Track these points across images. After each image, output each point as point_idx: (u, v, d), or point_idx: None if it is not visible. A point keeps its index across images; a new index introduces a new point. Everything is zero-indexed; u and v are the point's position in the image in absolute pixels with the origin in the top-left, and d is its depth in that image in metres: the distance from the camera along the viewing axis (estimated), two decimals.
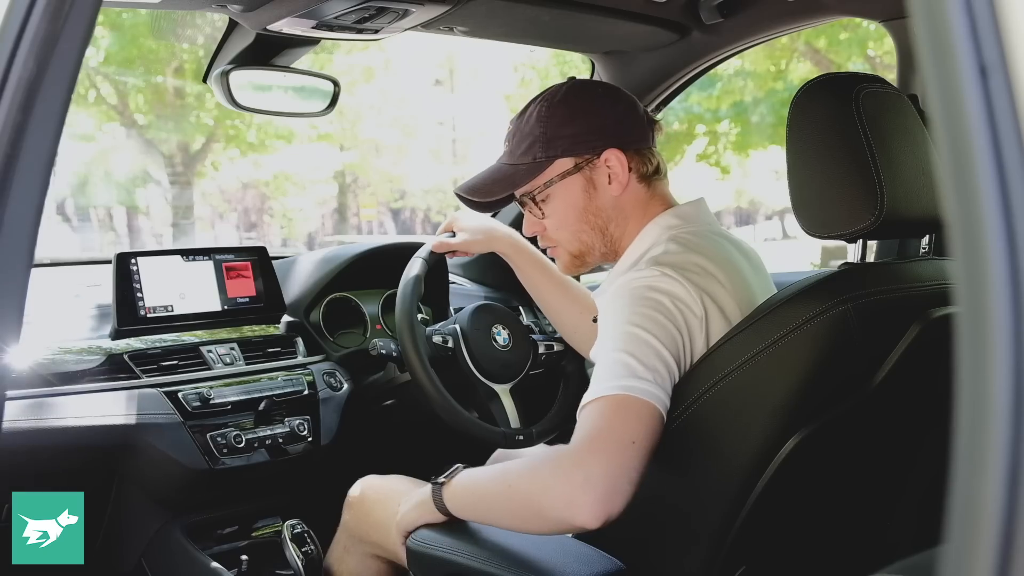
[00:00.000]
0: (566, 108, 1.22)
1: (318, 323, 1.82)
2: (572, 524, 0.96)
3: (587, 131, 1.21)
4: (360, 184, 15.12)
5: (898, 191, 0.99)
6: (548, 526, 1.01)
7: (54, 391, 1.44)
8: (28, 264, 0.74)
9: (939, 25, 0.44)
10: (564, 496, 0.95)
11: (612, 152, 1.20)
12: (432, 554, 1.12)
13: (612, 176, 1.21)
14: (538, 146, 1.22)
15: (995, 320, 0.42)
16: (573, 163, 1.21)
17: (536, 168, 1.22)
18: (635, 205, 1.23)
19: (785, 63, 7.85)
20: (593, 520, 0.94)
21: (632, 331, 1.03)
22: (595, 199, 1.22)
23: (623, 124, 1.23)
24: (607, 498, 0.94)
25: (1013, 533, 0.40)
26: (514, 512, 1.05)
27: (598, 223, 1.23)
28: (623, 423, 0.98)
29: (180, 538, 1.58)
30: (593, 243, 1.25)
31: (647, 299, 1.06)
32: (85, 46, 0.76)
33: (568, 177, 1.22)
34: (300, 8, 1.38)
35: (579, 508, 0.94)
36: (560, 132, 1.21)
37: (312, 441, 1.65)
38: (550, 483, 0.98)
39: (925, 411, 1.07)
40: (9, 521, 1.24)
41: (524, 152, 1.23)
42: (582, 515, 0.94)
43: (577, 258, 1.27)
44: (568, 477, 0.96)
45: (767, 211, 14.57)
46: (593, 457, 0.96)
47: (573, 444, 0.99)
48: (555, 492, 0.96)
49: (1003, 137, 0.42)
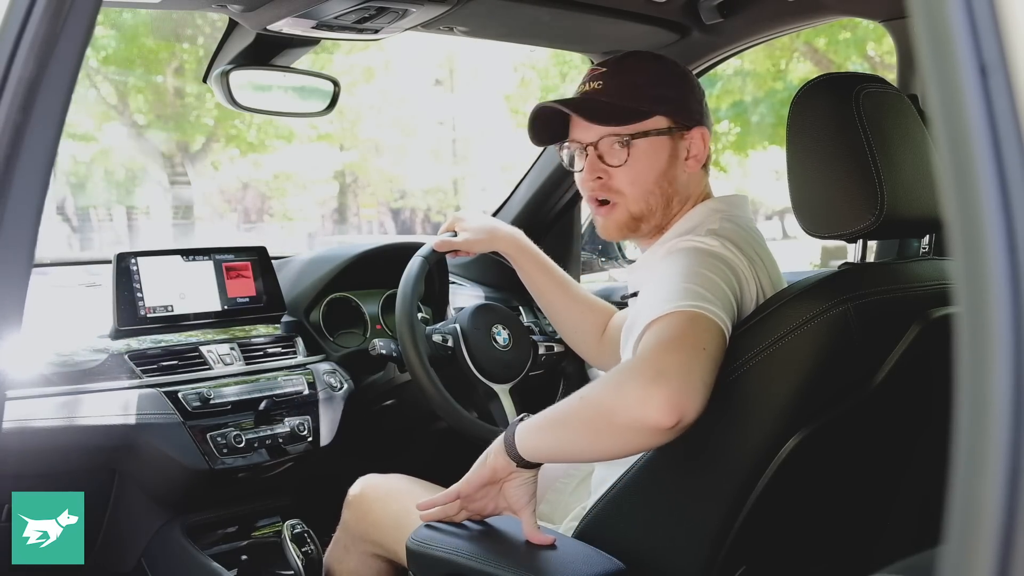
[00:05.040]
0: (677, 75, 1.25)
1: (318, 323, 1.82)
2: (645, 423, 0.91)
3: (691, 101, 1.24)
4: (360, 184, 15.11)
5: (898, 191, 0.99)
6: (622, 433, 0.95)
7: (54, 391, 1.44)
8: (28, 264, 0.74)
9: (939, 25, 0.44)
10: (637, 392, 0.91)
11: (701, 130, 1.24)
12: (432, 554, 1.11)
13: (692, 153, 1.23)
14: (647, 96, 1.22)
15: (995, 320, 0.42)
16: (668, 125, 1.23)
17: (637, 115, 1.21)
18: (694, 189, 1.26)
19: (785, 63, 7.85)
20: (667, 415, 0.89)
21: (695, 272, 1.03)
22: (673, 168, 1.23)
23: (706, 111, 1.27)
24: (681, 393, 0.90)
25: (1013, 533, 0.40)
26: (588, 423, 0.98)
27: (668, 192, 1.24)
28: (695, 332, 0.96)
29: (180, 538, 1.58)
30: (655, 210, 1.24)
31: (711, 256, 1.07)
32: (85, 46, 0.76)
33: (660, 136, 1.22)
34: (300, 8, 1.38)
35: (652, 403, 0.90)
36: (669, 93, 1.23)
37: (312, 441, 1.65)
38: (623, 381, 0.94)
39: (925, 411, 1.07)
40: (9, 521, 1.24)
41: (628, 95, 1.22)
42: (655, 411, 0.89)
43: (635, 220, 1.25)
44: (641, 373, 0.93)
45: (767, 211, 14.58)
46: (667, 355, 0.93)
47: (643, 350, 0.96)
48: (628, 389, 0.93)
49: (1003, 137, 0.42)
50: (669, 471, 1.07)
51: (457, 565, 1.08)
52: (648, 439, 0.95)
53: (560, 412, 1.02)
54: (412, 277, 1.48)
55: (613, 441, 0.98)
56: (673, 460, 1.06)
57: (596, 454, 1.06)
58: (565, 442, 1.03)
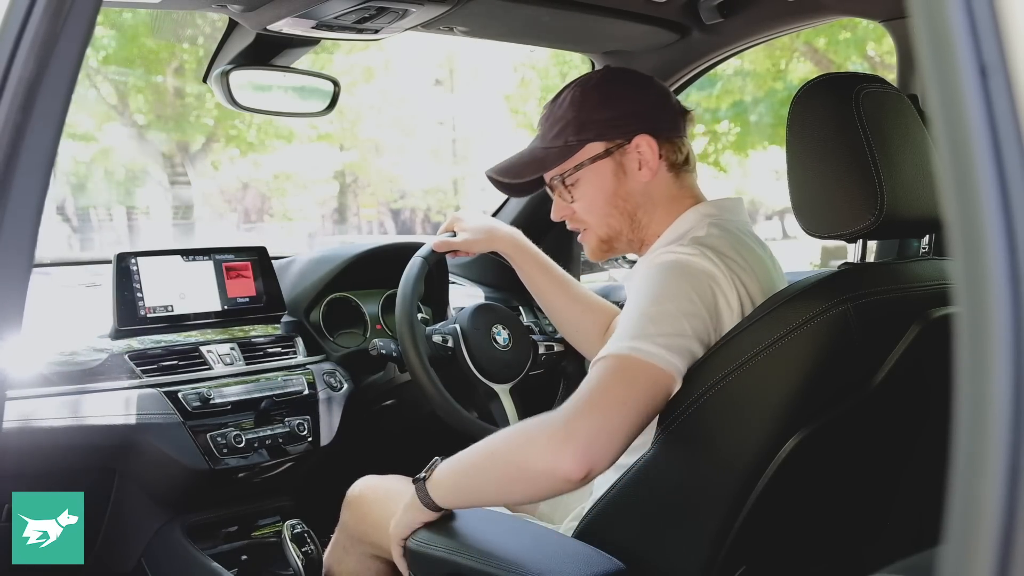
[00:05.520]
0: (599, 93, 1.23)
1: (318, 323, 1.82)
2: (555, 474, 0.96)
3: (619, 116, 1.22)
4: (360, 184, 15.11)
5: (898, 191, 0.99)
6: (533, 483, 1.01)
7: (54, 391, 1.44)
8: (28, 264, 0.74)
9: (939, 25, 0.44)
10: (547, 446, 0.96)
11: (643, 138, 1.21)
12: (432, 554, 1.12)
13: (642, 162, 1.21)
14: (570, 129, 1.22)
15: (995, 320, 0.42)
16: (604, 147, 1.22)
17: (567, 151, 1.23)
18: (664, 194, 1.24)
19: (785, 63, 7.84)
20: (576, 468, 0.95)
21: (660, 298, 1.04)
22: (624, 184, 1.23)
23: (655, 111, 1.24)
24: (588, 450, 0.95)
25: (1013, 533, 0.40)
26: (500, 476, 1.05)
27: (627, 208, 1.24)
28: (619, 383, 0.99)
29: (180, 538, 1.58)
30: (621, 228, 1.25)
31: (684, 274, 1.07)
32: (85, 46, 0.76)
33: (599, 161, 1.22)
34: (300, 8, 1.38)
35: (561, 456, 0.95)
36: (592, 116, 1.22)
37: (312, 441, 1.65)
38: (534, 435, 1.00)
39: (925, 411, 1.07)
40: (9, 521, 1.24)
41: (556, 135, 1.24)
42: (564, 464, 0.95)
43: (605, 243, 1.27)
44: (552, 428, 0.98)
45: (767, 211, 14.57)
46: (579, 413, 0.98)
47: (565, 406, 1.00)
48: (538, 443, 0.98)
49: (1003, 137, 0.42)
50: (669, 471, 1.07)
51: (457, 565, 1.08)
52: (559, 487, 1.01)
53: (472, 467, 1.09)
54: (412, 277, 1.48)
55: (525, 489, 1.05)
56: (673, 460, 1.06)
57: (508, 500, 1.11)
58: (480, 495, 1.12)
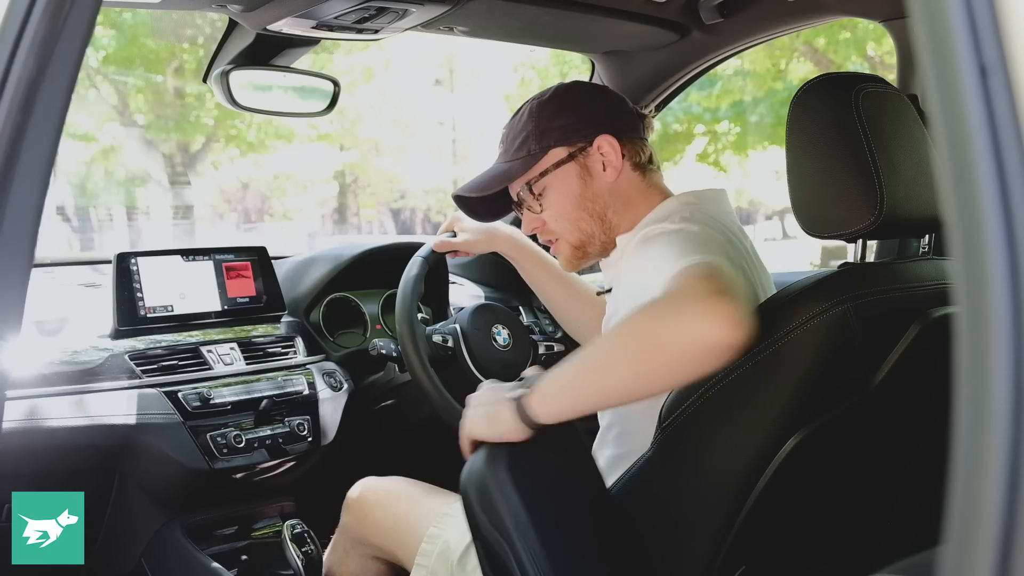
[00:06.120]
0: (555, 103, 1.25)
1: (318, 323, 1.82)
2: (707, 341, 0.81)
3: (578, 120, 1.23)
4: (360, 184, 15.11)
5: (898, 191, 0.99)
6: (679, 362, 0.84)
7: (54, 391, 1.44)
8: (28, 264, 0.74)
9: (939, 25, 0.44)
10: (698, 310, 0.81)
11: (604, 138, 1.22)
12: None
13: (606, 162, 1.23)
14: (531, 140, 1.24)
15: (995, 320, 0.42)
16: (567, 152, 1.24)
17: (531, 160, 1.24)
18: (632, 192, 1.25)
19: (785, 63, 7.85)
20: (734, 329, 0.80)
21: (686, 252, 0.96)
22: (591, 186, 1.24)
23: (613, 113, 1.26)
24: (742, 309, 0.81)
25: (1013, 533, 0.40)
26: (635, 360, 0.86)
27: (596, 210, 1.24)
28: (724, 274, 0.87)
29: (180, 538, 1.58)
30: (593, 231, 1.26)
31: (693, 237, 1.03)
32: (85, 46, 0.76)
33: (563, 166, 1.24)
34: (300, 8, 1.38)
35: (716, 318, 0.80)
36: (552, 124, 1.23)
37: (312, 441, 1.65)
38: (674, 306, 0.84)
39: (925, 411, 1.07)
40: (9, 521, 1.24)
41: (518, 148, 1.25)
42: (720, 326, 0.80)
43: (578, 249, 1.28)
44: (695, 293, 0.83)
45: (767, 211, 14.57)
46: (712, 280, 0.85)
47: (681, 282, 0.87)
48: (686, 310, 0.82)
49: (1003, 137, 0.42)
50: (668, 472, 1.07)
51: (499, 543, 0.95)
52: (706, 363, 0.84)
53: (595, 359, 0.91)
54: (412, 277, 1.48)
55: (664, 373, 0.86)
56: (672, 461, 1.06)
57: (639, 393, 0.93)
58: (603, 390, 0.92)
